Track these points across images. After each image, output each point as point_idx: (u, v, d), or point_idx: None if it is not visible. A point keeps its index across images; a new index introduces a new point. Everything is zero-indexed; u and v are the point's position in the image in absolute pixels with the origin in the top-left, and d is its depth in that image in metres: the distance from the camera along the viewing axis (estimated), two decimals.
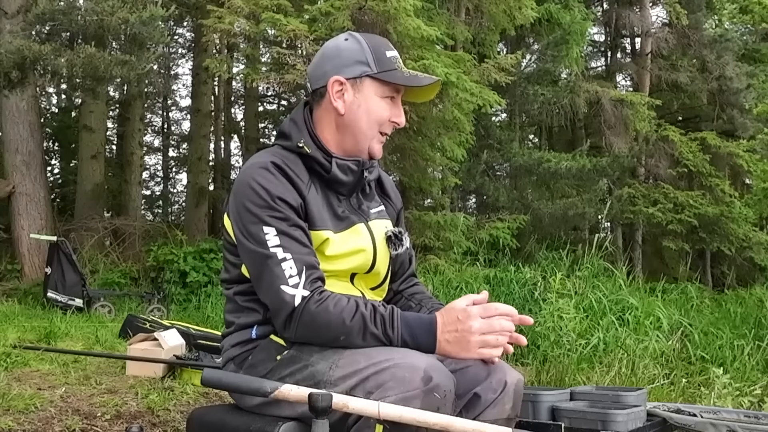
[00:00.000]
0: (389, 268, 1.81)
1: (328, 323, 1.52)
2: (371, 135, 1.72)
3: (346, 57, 1.70)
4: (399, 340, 1.52)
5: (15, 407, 2.92)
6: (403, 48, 7.27)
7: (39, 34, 8.00)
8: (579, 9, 11.07)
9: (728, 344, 5.39)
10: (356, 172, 1.73)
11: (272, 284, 1.55)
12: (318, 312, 1.52)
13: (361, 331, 1.52)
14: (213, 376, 1.46)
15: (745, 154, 10.95)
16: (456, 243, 8.27)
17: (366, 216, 1.77)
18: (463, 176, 9.95)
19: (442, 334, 1.52)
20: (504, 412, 1.62)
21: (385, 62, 1.70)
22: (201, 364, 3.58)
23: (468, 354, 1.52)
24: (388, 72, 1.68)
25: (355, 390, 1.46)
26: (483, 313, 1.52)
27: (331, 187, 1.72)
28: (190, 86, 17.15)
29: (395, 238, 1.76)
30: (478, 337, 1.50)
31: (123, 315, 6.17)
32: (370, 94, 1.70)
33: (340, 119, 1.71)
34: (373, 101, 1.70)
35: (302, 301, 1.53)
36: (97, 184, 11.76)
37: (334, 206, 1.71)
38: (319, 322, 1.52)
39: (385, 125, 1.73)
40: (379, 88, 1.70)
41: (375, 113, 1.70)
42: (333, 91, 1.69)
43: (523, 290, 6.21)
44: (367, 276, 1.76)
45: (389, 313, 1.55)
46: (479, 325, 1.50)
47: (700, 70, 12.75)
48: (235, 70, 9.80)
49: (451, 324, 1.52)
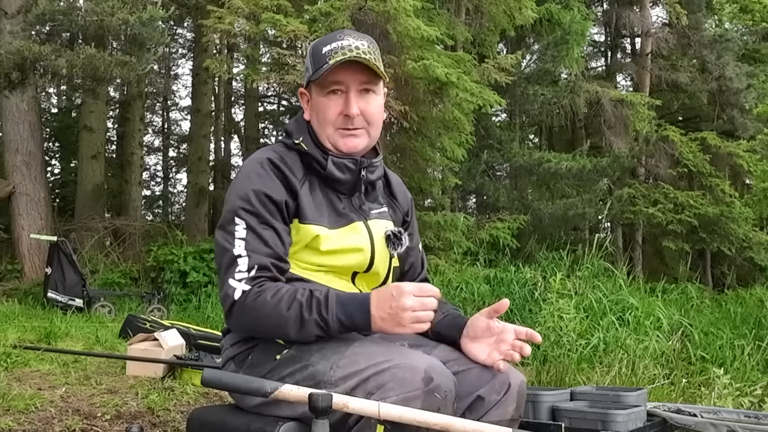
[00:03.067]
0: (390, 268, 1.81)
1: (266, 315, 1.55)
2: (328, 133, 1.73)
3: (305, 68, 1.79)
4: (334, 320, 1.54)
5: (15, 407, 2.92)
6: (403, 48, 7.27)
7: (39, 35, 8.01)
8: (579, 9, 11.07)
9: (728, 344, 5.39)
10: (353, 170, 1.74)
11: (222, 276, 1.60)
12: (255, 305, 1.55)
13: (298, 319, 1.54)
14: (213, 376, 1.46)
15: (745, 154, 10.94)
16: (456, 243, 8.28)
17: (366, 215, 1.77)
18: (463, 176, 9.95)
19: (377, 311, 1.53)
20: (507, 413, 1.63)
21: (318, 60, 1.70)
22: (201, 364, 3.58)
23: (402, 329, 1.52)
24: (319, 69, 1.69)
25: (356, 390, 1.46)
26: (416, 291, 1.53)
27: (329, 184, 1.73)
28: (190, 86, 17.15)
29: (394, 237, 1.76)
30: (411, 313, 1.51)
31: (123, 315, 6.17)
32: (316, 95, 1.74)
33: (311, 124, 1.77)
34: (318, 102, 1.73)
35: (242, 295, 1.56)
36: (98, 184, 11.76)
37: (334, 203, 1.72)
38: (256, 314, 1.56)
39: (337, 120, 1.71)
40: (318, 87, 1.73)
41: (321, 112, 1.73)
42: (302, 102, 1.80)
43: (523, 290, 6.21)
44: (367, 275, 1.76)
45: (324, 295, 1.56)
46: (412, 302, 1.51)
47: (700, 70, 12.76)
48: (235, 70, 9.82)
49: (385, 301, 1.53)
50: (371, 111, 1.73)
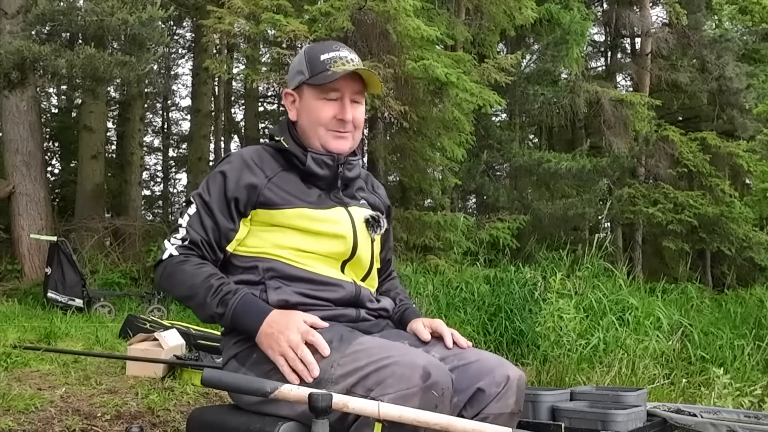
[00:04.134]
0: (372, 252, 1.88)
1: (180, 281, 1.70)
2: (319, 134, 1.84)
3: (292, 70, 1.91)
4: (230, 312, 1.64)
5: (15, 407, 2.92)
6: (403, 48, 7.27)
7: (39, 35, 8.00)
8: (579, 9, 11.07)
9: (728, 344, 5.39)
10: (332, 166, 1.83)
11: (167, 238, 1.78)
12: (176, 269, 1.70)
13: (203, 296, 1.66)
14: (213, 376, 1.46)
15: (745, 154, 10.95)
16: (456, 243, 8.28)
17: (346, 204, 1.86)
18: (463, 176, 9.95)
19: (266, 326, 1.61)
20: (507, 406, 1.64)
21: (317, 66, 1.82)
22: (201, 364, 3.58)
23: (270, 352, 1.60)
24: (318, 75, 1.81)
25: (356, 387, 1.48)
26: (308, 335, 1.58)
27: (308, 179, 1.83)
28: (190, 86, 17.18)
29: (373, 221, 1.87)
30: (285, 345, 1.57)
31: (123, 315, 6.17)
32: (309, 99, 1.85)
33: (297, 124, 1.89)
34: (312, 104, 1.84)
35: (168, 257, 1.73)
36: (97, 185, 11.76)
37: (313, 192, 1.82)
38: (173, 277, 1.71)
39: (329, 123, 1.83)
40: (313, 92, 1.84)
41: (314, 116, 1.84)
42: (287, 102, 1.91)
43: (523, 290, 6.20)
44: (353, 263, 1.82)
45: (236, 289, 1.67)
46: (296, 339, 1.57)
47: (700, 70, 12.77)
48: (235, 70, 9.84)
49: (279, 322, 1.61)
50: (359, 117, 1.88)
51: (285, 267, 1.73)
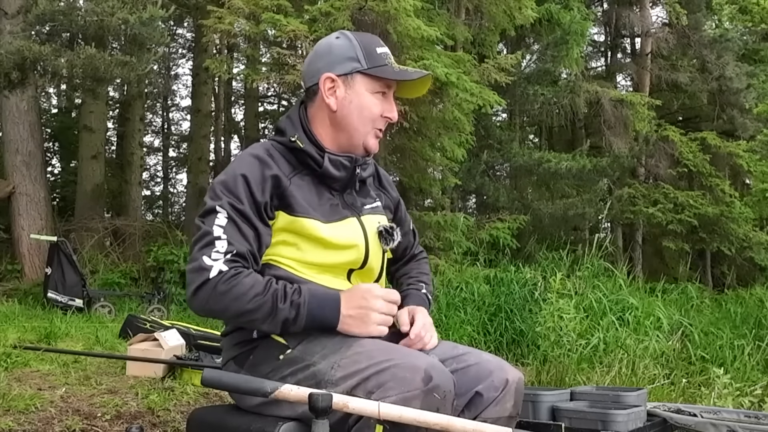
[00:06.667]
0: (383, 263, 1.83)
1: (240, 296, 1.54)
2: (364, 131, 1.74)
3: (338, 54, 1.73)
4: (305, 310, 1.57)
5: (15, 407, 2.92)
6: (403, 48, 7.26)
7: (39, 35, 7.99)
8: (579, 9, 11.07)
9: (728, 344, 5.39)
10: (348, 168, 1.74)
11: (197, 254, 1.58)
12: (230, 285, 1.54)
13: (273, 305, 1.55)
14: (213, 376, 1.46)
15: (745, 154, 10.93)
16: (456, 243, 8.27)
17: (359, 211, 1.78)
18: (463, 176, 9.95)
19: (347, 309, 1.59)
20: (506, 410, 1.64)
21: (375, 58, 1.72)
22: (201, 364, 3.58)
23: (366, 330, 1.58)
24: (378, 68, 1.71)
25: (356, 390, 1.47)
26: (385, 296, 1.62)
27: (323, 182, 1.74)
28: (190, 86, 17.16)
29: (386, 233, 1.79)
30: (378, 315, 1.59)
31: (123, 315, 6.17)
32: (361, 89, 1.72)
33: (333, 115, 1.74)
34: (364, 97, 1.72)
35: (218, 274, 1.54)
36: (97, 185, 11.75)
37: (327, 199, 1.73)
38: (231, 294, 1.54)
39: (377, 120, 1.74)
40: (369, 84, 1.72)
41: (366, 109, 1.72)
42: (325, 88, 1.72)
43: (523, 290, 6.21)
44: (362, 272, 1.76)
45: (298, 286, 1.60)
46: (381, 305, 1.60)
47: (700, 70, 12.75)
48: (235, 70, 9.81)
49: (355, 300, 1.60)
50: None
51: (291, 276, 1.67)
